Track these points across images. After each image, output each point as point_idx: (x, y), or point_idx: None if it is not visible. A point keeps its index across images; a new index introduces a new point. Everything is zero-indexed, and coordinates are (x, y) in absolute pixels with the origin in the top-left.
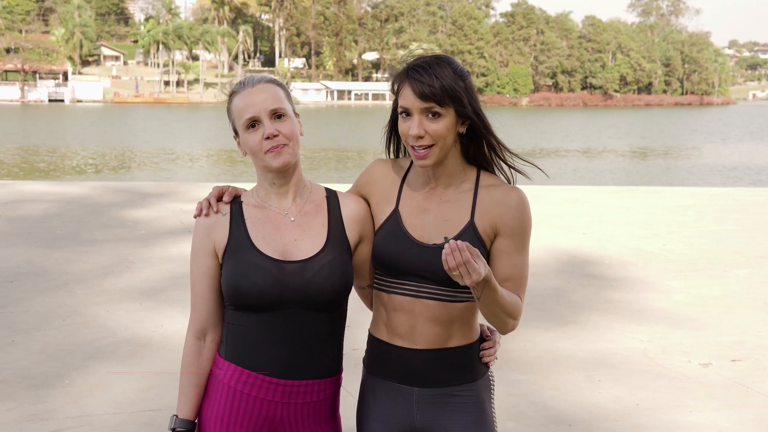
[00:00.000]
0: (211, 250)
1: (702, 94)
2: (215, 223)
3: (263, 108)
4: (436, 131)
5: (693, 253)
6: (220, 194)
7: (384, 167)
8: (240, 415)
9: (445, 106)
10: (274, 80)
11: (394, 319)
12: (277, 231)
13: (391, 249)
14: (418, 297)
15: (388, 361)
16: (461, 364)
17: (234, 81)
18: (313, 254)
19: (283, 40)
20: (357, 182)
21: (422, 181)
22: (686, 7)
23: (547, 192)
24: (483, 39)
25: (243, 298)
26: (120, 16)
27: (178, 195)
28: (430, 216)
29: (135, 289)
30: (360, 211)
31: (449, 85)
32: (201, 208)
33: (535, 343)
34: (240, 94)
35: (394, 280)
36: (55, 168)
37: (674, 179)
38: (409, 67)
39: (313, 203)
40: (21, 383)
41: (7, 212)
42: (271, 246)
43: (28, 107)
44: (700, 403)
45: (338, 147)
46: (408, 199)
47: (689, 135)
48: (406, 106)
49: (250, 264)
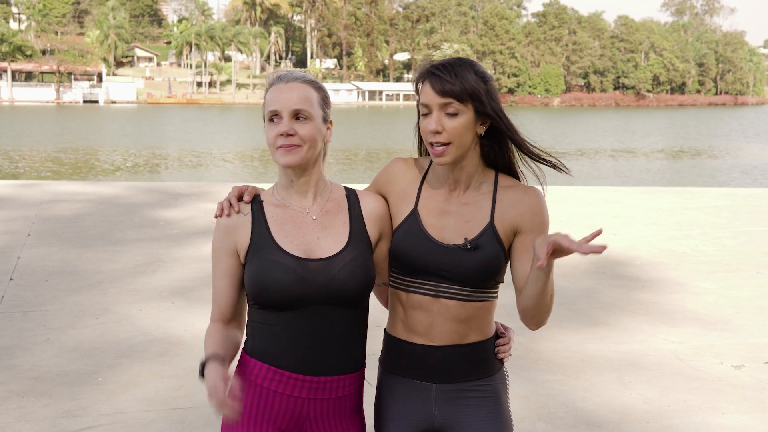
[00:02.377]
0: (233, 250)
1: (736, 94)
2: (237, 223)
3: (287, 106)
4: (453, 128)
5: (725, 255)
6: (240, 194)
7: (403, 166)
8: (267, 412)
9: (464, 102)
10: (312, 81)
11: (411, 317)
12: (299, 229)
13: (411, 249)
14: (437, 296)
15: (405, 359)
16: (478, 359)
17: (276, 73)
18: (336, 252)
19: (315, 40)
20: (376, 180)
21: (442, 182)
22: (721, 6)
23: (578, 192)
24: (514, 39)
25: (267, 296)
26: (153, 18)
27: (210, 195)
28: (450, 217)
29: (167, 288)
30: (379, 209)
31: (469, 84)
32: (222, 208)
33: (566, 343)
34: (274, 87)
35: (412, 279)
36: (89, 168)
37: (708, 180)
38: (431, 65)
39: (334, 202)
40: (56, 380)
41: (41, 212)
42: (294, 244)
43: (63, 108)
44: (732, 405)
45: (369, 147)
46: (427, 200)
47: (723, 135)
48: (425, 102)
49: (273, 263)
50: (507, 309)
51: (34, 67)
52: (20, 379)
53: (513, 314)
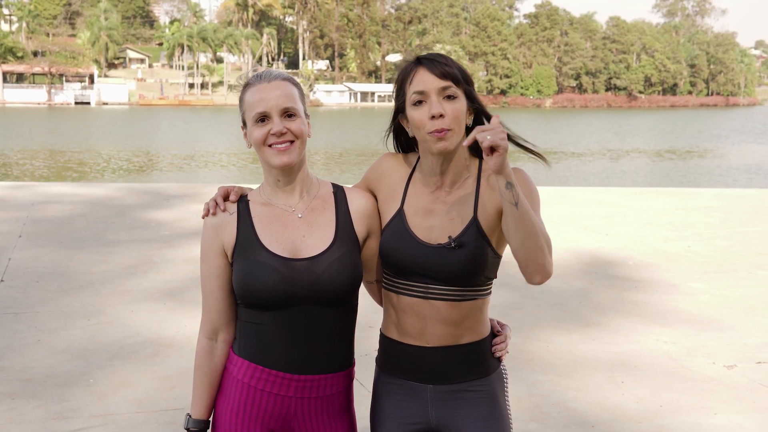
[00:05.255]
0: (220, 250)
1: (728, 95)
2: (223, 222)
3: (275, 105)
4: (454, 111)
5: (718, 255)
6: (227, 194)
7: (392, 162)
8: (254, 411)
9: (460, 86)
10: (289, 78)
11: (404, 321)
12: (284, 228)
13: (397, 249)
14: (426, 298)
15: (400, 360)
16: (474, 360)
17: (250, 72)
18: (321, 250)
19: (307, 42)
20: (365, 176)
21: (428, 179)
22: (712, 7)
23: (570, 193)
24: (506, 40)
25: (253, 296)
26: (145, 19)
27: (201, 196)
28: (436, 216)
29: (158, 289)
30: (367, 205)
31: (459, 67)
32: (208, 208)
33: (558, 344)
34: (254, 87)
35: (402, 280)
36: (81, 169)
37: (700, 180)
38: (418, 57)
39: (320, 199)
40: (46, 382)
41: (32, 213)
42: (279, 244)
43: (54, 110)
44: (724, 405)
45: (362, 148)
46: (413, 199)
47: (714, 136)
48: (422, 89)
49: (258, 263)
50: (501, 309)
51: (26, 69)
52: (11, 381)
53: (507, 314)
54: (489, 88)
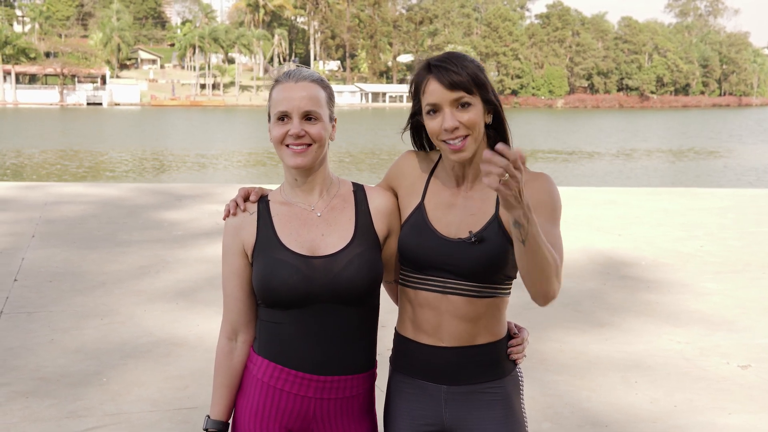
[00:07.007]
0: (240, 250)
1: (740, 96)
2: (243, 222)
3: (297, 107)
4: (469, 120)
5: (731, 255)
6: (247, 195)
7: (413, 160)
8: (274, 411)
9: (473, 94)
10: (319, 80)
11: (419, 316)
12: (304, 227)
13: (416, 243)
14: (444, 293)
15: (414, 359)
16: (489, 361)
17: (282, 69)
18: (340, 248)
19: (318, 42)
20: (387, 175)
21: (450, 176)
22: (725, 7)
23: (583, 193)
24: (518, 41)
25: (273, 295)
26: (157, 20)
27: (213, 196)
28: (457, 211)
29: (171, 289)
30: (388, 204)
31: (473, 73)
32: (229, 209)
33: (571, 344)
34: (282, 85)
35: (419, 275)
36: (93, 170)
37: (713, 181)
38: (429, 63)
39: (340, 198)
40: (60, 381)
41: (45, 214)
42: (298, 242)
43: (67, 110)
44: (738, 405)
45: (374, 148)
46: (434, 194)
47: (728, 136)
48: (434, 101)
49: (278, 261)
50: (514, 309)
51: (38, 70)
52: (25, 380)
53: (520, 314)
54: (500, 89)
